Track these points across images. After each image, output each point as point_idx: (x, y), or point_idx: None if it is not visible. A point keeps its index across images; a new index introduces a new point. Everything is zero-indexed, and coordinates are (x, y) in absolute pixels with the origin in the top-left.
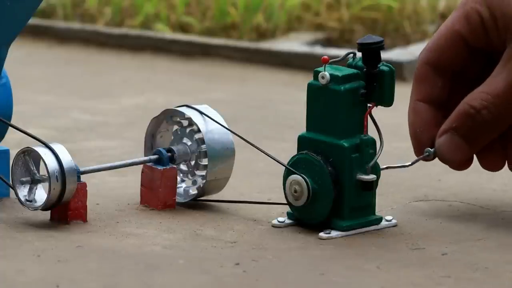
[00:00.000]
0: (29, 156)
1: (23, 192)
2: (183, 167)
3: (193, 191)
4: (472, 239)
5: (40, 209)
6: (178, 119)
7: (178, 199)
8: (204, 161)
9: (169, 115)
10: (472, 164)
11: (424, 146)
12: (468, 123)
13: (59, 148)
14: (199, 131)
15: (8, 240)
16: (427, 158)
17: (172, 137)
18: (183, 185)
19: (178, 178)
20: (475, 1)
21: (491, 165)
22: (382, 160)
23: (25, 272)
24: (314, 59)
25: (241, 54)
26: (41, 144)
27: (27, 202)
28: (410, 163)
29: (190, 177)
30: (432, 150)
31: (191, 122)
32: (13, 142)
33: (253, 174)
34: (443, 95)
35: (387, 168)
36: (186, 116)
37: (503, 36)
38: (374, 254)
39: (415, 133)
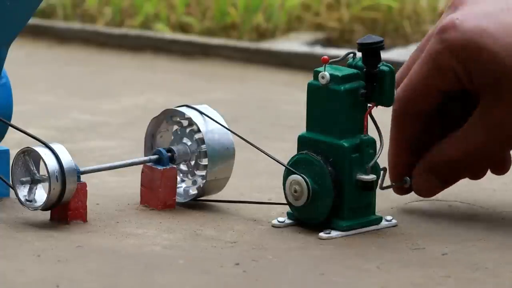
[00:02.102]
0: (29, 156)
1: (23, 192)
2: (183, 167)
3: (193, 191)
4: (472, 239)
5: (40, 209)
6: (178, 119)
7: (178, 199)
8: (204, 161)
9: (169, 115)
10: None
11: (401, 175)
12: (446, 170)
13: (59, 148)
14: (199, 131)
15: (8, 240)
16: (404, 186)
17: (172, 137)
18: (183, 185)
19: (178, 178)
20: (446, 55)
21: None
22: (382, 160)
23: (25, 272)
24: (314, 59)
25: (241, 54)
26: (41, 144)
27: (27, 202)
28: (384, 185)
29: (190, 177)
30: (409, 180)
31: (191, 122)
32: (13, 142)
33: (253, 174)
34: (422, 135)
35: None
36: (186, 116)
37: (478, 90)
38: (374, 254)
39: (395, 174)
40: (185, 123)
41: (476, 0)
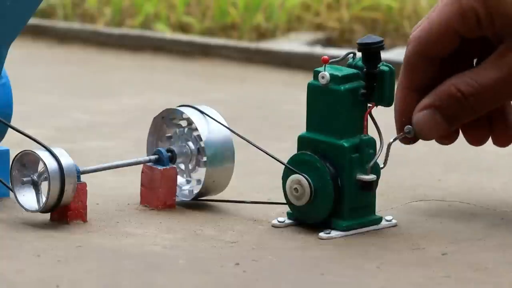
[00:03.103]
0: (29, 158)
1: (22, 194)
2: (183, 167)
3: (193, 191)
4: (472, 239)
5: (39, 212)
6: (178, 119)
7: (180, 198)
8: (204, 161)
9: (169, 115)
10: (472, 165)
11: (406, 122)
12: (452, 105)
13: (59, 151)
14: (199, 131)
15: (8, 240)
16: (408, 136)
17: (172, 137)
18: (184, 184)
19: (182, 179)
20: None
21: (476, 139)
22: (382, 160)
23: (25, 272)
24: (314, 59)
25: (241, 54)
26: (41, 146)
27: (26, 204)
28: (391, 140)
29: (191, 177)
30: (411, 128)
31: (191, 122)
32: (13, 142)
33: (253, 174)
34: (432, 82)
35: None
36: (186, 116)
37: (499, 33)
38: (374, 254)
39: (401, 120)
40: (185, 123)
41: None
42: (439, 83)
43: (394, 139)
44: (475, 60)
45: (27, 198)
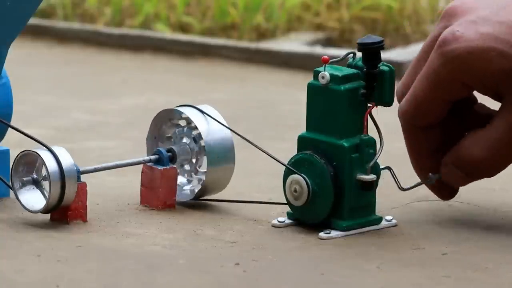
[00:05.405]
0: (29, 158)
1: (23, 194)
2: (183, 166)
3: (194, 191)
4: (472, 239)
5: (40, 212)
6: (178, 119)
7: (180, 198)
8: (205, 161)
9: (169, 115)
10: None
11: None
12: (469, 166)
13: (60, 151)
14: (199, 131)
15: (8, 240)
16: (430, 184)
17: (172, 137)
18: (184, 184)
19: (182, 179)
20: (450, 67)
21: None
22: (382, 160)
23: (25, 272)
24: (314, 59)
25: (241, 54)
26: (42, 146)
27: (27, 205)
28: (407, 187)
29: (191, 177)
30: (434, 176)
31: (191, 122)
32: (13, 142)
33: (253, 174)
34: (438, 135)
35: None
36: (186, 116)
37: (496, 91)
38: (374, 254)
39: (419, 169)
40: (185, 123)
41: (468, 9)
42: (445, 134)
43: (416, 185)
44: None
45: (28, 198)
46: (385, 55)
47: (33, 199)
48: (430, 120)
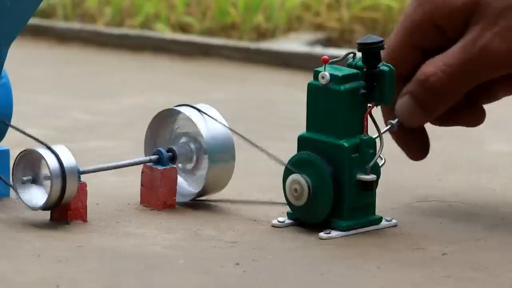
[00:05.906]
0: (30, 157)
1: (23, 192)
2: (183, 166)
3: (194, 191)
4: (472, 239)
5: (41, 209)
6: (178, 119)
7: (180, 198)
8: (204, 161)
9: (169, 115)
10: (472, 165)
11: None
12: (419, 89)
13: (60, 149)
14: (199, 130)
15: (8, 240)
16: (392, 129)
17: (172, 137)
18: (184, 184)
19: (181, 179)
20: (421, 12)
21: (470, 122)
22: (383, 155)
23: (25, 272)
24: (314, 59)
25: (241, 54)
26: (42, 145)
27: (28, 202)
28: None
29: (191, 177)
30: (394, 122)
31: (191, 122)
32: (13, 142)
33: (253, 174)
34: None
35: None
36: (186, 116)
37: (461, 27)
38: (374, 254)
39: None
40: (185, 122)
41: None
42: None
43: (382, 133)
44: None
45: (29, 195)
46: None
47: (34, 196)
48: (402, 68)
